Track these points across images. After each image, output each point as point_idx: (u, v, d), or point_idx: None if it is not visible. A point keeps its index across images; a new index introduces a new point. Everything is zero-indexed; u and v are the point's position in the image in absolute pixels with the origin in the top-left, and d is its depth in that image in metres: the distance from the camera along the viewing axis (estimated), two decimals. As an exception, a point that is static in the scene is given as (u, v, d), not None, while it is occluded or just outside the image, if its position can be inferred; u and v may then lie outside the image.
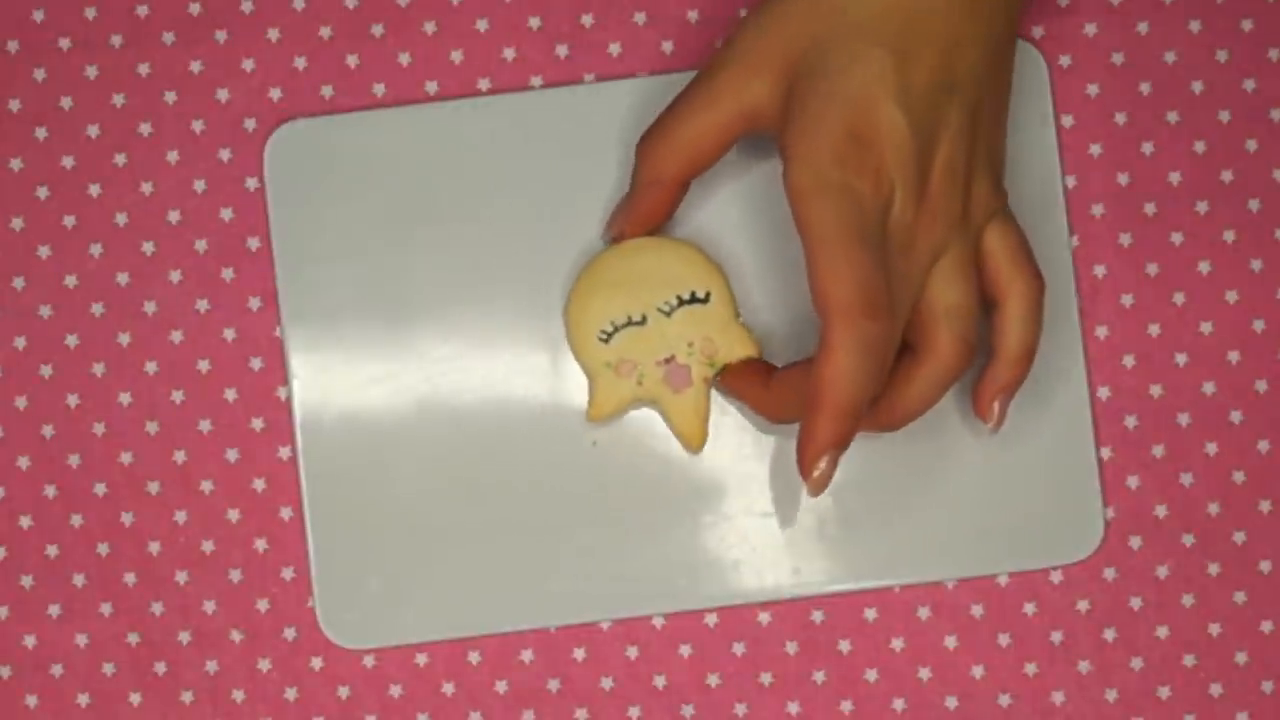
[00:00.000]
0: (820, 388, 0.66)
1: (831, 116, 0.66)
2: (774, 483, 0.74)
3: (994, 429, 0.71)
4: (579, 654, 0.75)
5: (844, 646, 0.75)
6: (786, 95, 0.68)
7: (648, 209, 0.71)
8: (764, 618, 0.75)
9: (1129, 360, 0.75)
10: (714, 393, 0.73)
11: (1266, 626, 0.75)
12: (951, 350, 0.68)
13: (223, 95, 0.75)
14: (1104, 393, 0.75)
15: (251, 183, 0.75)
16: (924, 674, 0.75)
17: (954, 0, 0.67)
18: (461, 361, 0.74)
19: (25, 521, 0.74)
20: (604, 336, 0.73)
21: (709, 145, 0.69)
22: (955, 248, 0.68)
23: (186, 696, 0.74)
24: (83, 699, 0.74)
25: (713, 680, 0.75)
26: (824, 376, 0.66)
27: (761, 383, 0.71)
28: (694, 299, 0.73)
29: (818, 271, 0.66)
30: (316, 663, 0.74)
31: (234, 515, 0.75)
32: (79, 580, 0.74)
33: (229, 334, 0.75)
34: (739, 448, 0.74)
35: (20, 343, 0.75)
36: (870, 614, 0.75)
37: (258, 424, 0.75)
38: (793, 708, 0.75)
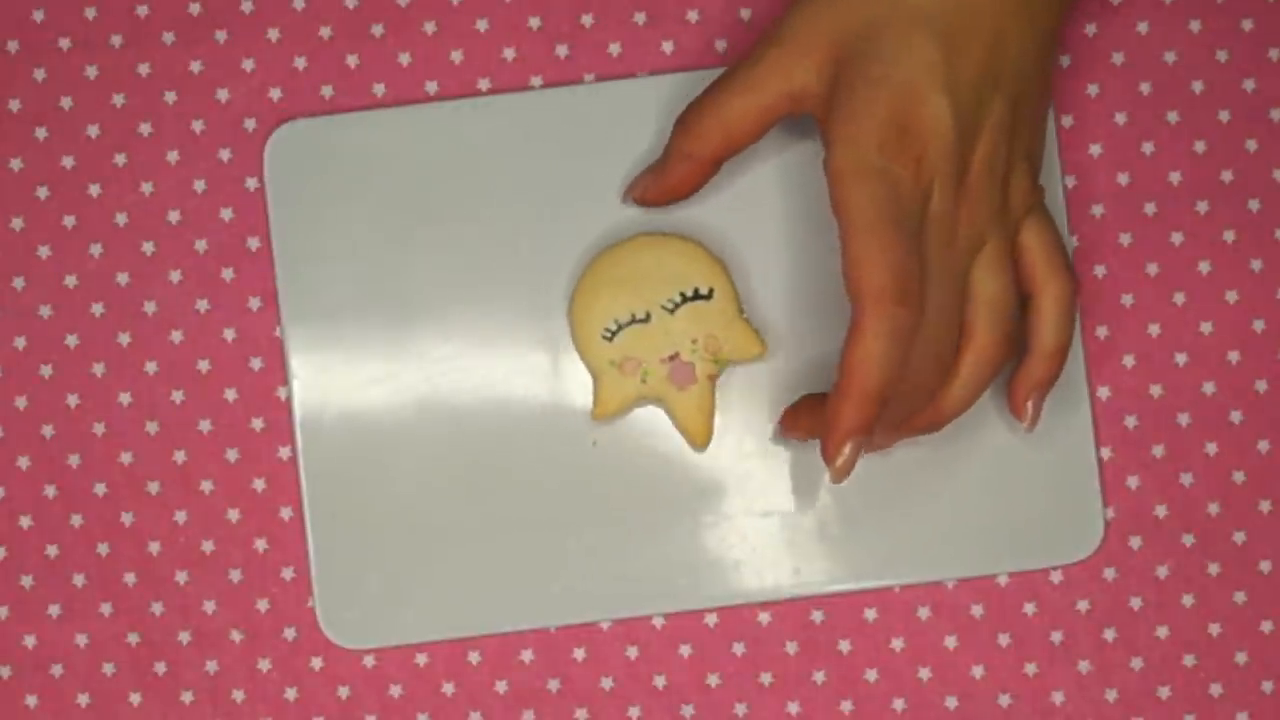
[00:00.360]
0: (848, 372, 0.66)
1: (877, 103, 0.66)
2: (774, 483, 0.74)
3: (1029, 428, 0.71)
4: (579, 654, 0.75)
5: (844, 646, 0.75)
6: (833, 79, 0.68)
7: (676, 181, 0.71)
8: (764, 618, 0.75)
9: (1129, 360, 0.75)
10: (717, 390, 0.74)
11: (1266, 626, 0.75)
12: (990, 342, 0.68)
13: (223, 95, 0.75)
14: (1104, 393, 0.75)
15: (251, 183, 0.75)
16: (924, 674, 0.75)
17: None
18: (461, 361, 0.74)
19: (25, 521, 0.74)
20: (608, 335, 0.73)
21: (750, 125, 0.69)
22: (994, 240, 0.68)
23: (186, 696, 0.74)
24: (83, 699, 0.74)
25: (713, 680, 0.75)
26: (851, 361, 0.66)
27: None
28: (697, 296, 0.73)
29: (852, 255, 0.66)
30: (316, 663, 0.74)
31: (234, 515, 0.74)
32: (79, 580, 0.74)
33: (229, 334, 0.75)
34: (739, 448, 0.74)
35: (20, 343, 0.75)
36: (870, 614, 0.75)
37: (258, 424, 0.75)
38: (793, 708, 0.75)
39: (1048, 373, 0.71)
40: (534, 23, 0.75)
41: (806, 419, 0.72)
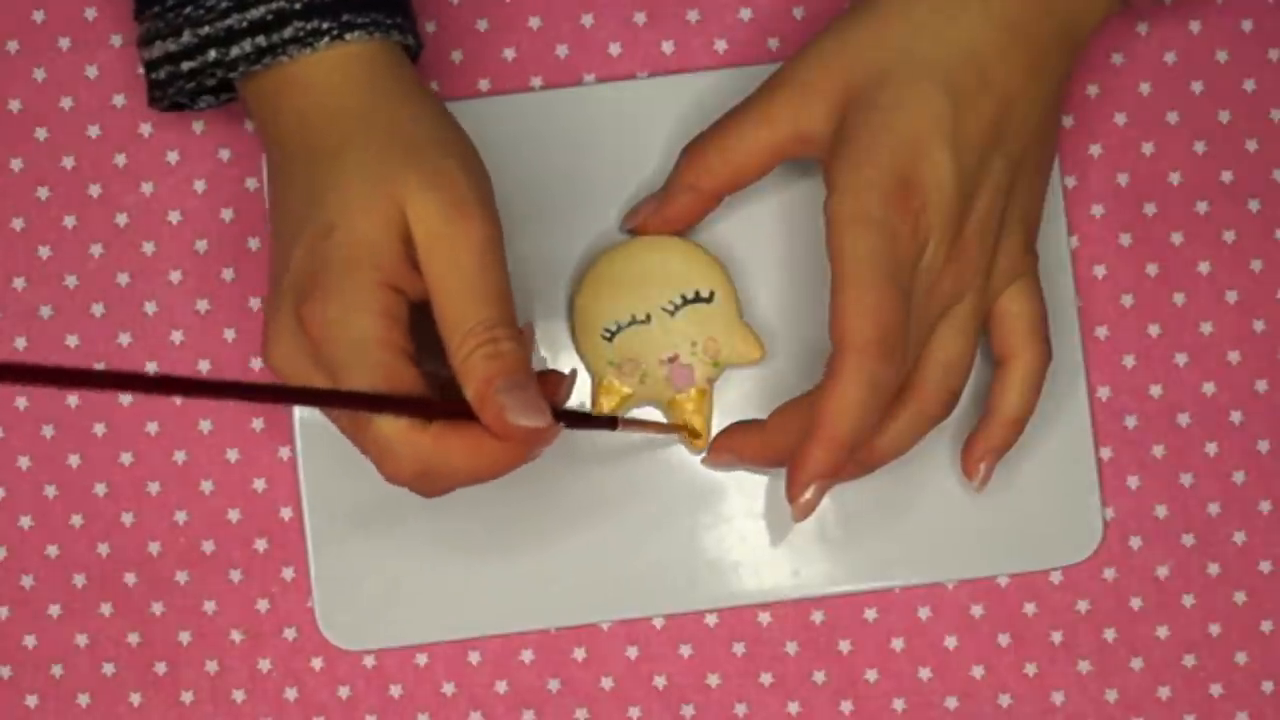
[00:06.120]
0: (822, 418, 0.66)
1: (882, 152, 0.66)
2: (772, 485, 0.74)
3: (979, 488, 0.72)
4: (579, 654, 0.75)
5: (844, 646, 0.75)
6: (840, 123, 0.68)
7: (678, 212, 0.71)
8: (764, 618, 0.75)
9: (1129, 360, 0.75)
10: (715, 392, 0.74)
11: (1266, 626, 0.75)
12: (935, 400, 0.69)
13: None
14: (1104, 393, 0.75)
15: (251, 183, 0.75)
16: (924, 674, 0.75)
17: (1016, 55, 0.67)
18: (461, 361, 0.74)
19: (25, 521, 0.74)
20: (608, 335, 0.73)
21: (757, 162, 0.69)
22: (970, 300, 0.68)
23: (186, 696, 0.74)
24: (83, 699, 0.74)
25: (713, 680, 0.75)
26: (828, 408, 0.66)
27: (756, 431, 0.71)
28: (698, 298, 0.73)
29: (843, 304, 0.66)
30: (316, 663, 0.74)
31: (234, 515, 0.74)
32: (79, 580, 0.74)
33: (229, 334, 0.75)
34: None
35: (20, 343, 0.75)
36: (870, 614, 0.75)
37: (258, 424, 0.75)
38: (793, 708, 0.75)
39: (1005, 439, 0.71)
40: (535, 23, 0.75)
41: (737, 443, 0.72)
